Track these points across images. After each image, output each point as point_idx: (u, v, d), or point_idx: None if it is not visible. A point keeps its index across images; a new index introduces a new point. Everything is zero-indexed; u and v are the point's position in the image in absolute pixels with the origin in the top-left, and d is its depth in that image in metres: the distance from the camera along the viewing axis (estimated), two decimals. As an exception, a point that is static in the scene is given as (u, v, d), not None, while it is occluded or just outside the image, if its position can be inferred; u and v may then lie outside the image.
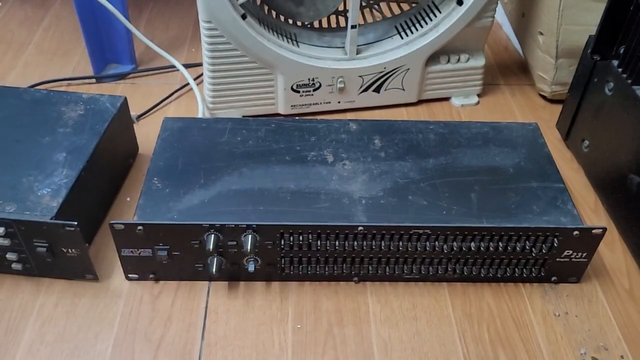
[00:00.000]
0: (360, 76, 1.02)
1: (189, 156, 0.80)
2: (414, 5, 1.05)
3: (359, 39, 1.01)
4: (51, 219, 0.69)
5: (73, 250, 0.71)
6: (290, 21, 1.02)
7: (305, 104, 1.04)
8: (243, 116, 1.02)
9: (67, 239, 0.70)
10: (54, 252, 0.72)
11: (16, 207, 0.70)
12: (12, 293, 0.74)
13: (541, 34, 1.06)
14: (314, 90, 1.02)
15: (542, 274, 0.76)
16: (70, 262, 0.73)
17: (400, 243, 0.72)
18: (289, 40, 0.99)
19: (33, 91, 0.88)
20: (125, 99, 0.88)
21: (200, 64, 1.09)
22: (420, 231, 0.71)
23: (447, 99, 1.12)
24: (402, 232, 0.71)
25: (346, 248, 0.72)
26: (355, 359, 0.69)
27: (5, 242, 0.71)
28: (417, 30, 1.01)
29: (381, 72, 1.03)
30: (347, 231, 0.71)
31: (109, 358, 0.68)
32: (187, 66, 1.12)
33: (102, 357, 0.68)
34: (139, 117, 1.04)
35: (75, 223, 0.68)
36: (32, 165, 0.75)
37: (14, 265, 0.74)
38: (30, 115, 0.83)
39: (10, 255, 0.73)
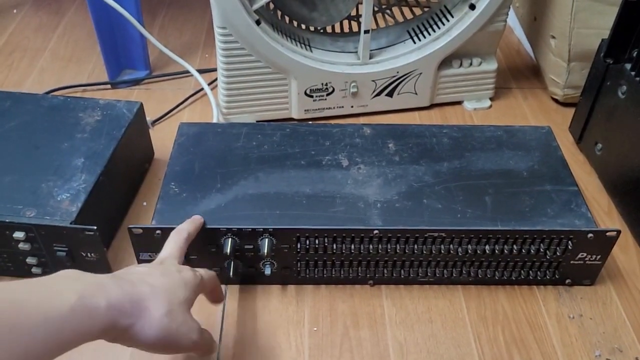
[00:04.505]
0: (373, 81, 1.03)
1: (205, 161, 0.80)
2: (426, 9, 1.06)
3: (372, 43, 1.01)
4: (71, 223, 0.70)
5: (92, 254, 0.72)
6: (304, 26, 1.03)
7: (319, 109, 1.05)
8: (257, 121, 1.03)
9: (87, 243, 0.71)
10: (74, 256, 0.72)
11: (36, 212, 0.71)
12: (32, 297, 0.75)
13: (553, 37, 1.06)
14: (327, 94, 1.03)
15: (557, 276, 0.77)
16: (90, 266, 0.74)
17: (415, 246, 0.72)
18: (303, 45, 1.00)
19: (51, 97, 0.89)
20: (141, 104, 0.89)
21: (214, 69, 1.10)
22: (435, 234, 0.71)
23: (459, 102, 1.12)
24: (417, 235, 0.72)
25: (362, 251, 0.73)
26: (372, 362, 0.70)
27: (26, 246, 0.72)
28: (429, 34, 1.02)
29: (394, 76, 1.03)
30: (362, 234, 0.71)
31: (128, 360, 0.69)
32: (201, 71, 1.13)
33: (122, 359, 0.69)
34: (154, 122, 1.05)
35: (95, 227, 0.69)
36: (51, 171, 0.76)
37: (34, 270, 0.75)
38: (48, 122, 0.84)
39: (31, 260, 0.74)
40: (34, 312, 0.43)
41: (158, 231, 0.70)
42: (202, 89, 1.11)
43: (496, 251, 0.73)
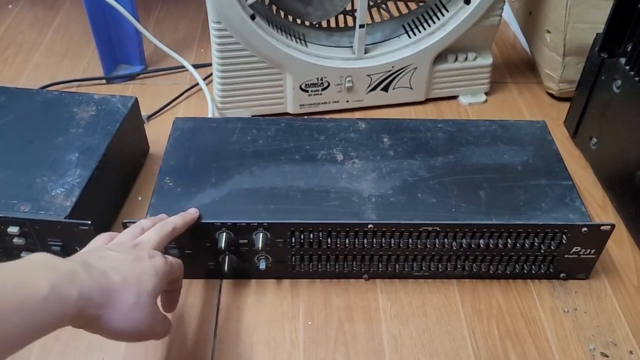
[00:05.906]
0: (368, 75, 1.03)
1: (200, 155, 0.80)
2: (421, 4, 1.05)
3: (367, 38, 1.01)
4: (65, 218, 0.70)
5: (87, 249, 0.72)
6: (299, 21, 1.03)
7: (314, 103, 1.05)
8: (252, 116, 1.03)
9: (81, 238, 0.70)
10: (68, 251, 0.72)
11: (30, 206, 0.71)
12: (26, 291, 0.75)
13: (548, 32, 1.06)
14: (322, 89, 1.03)
15: (551, 270, 0.77)
16: (84, 260, 0.74)
17: (410, 240, 0.72)
18: (298, 40, 1.00)
19: (45, 92, 0.89)
20: (136, 99, 0.88)
21: (209, 64, 1.10)
22: (430, 228, 0.71)
23: (454, 97, 1.12)
24: (411, 229, 0.72)
25: (356, 245, 0.73)
26: (366, 355, 0.70)
27: (20, 241, 0.72)
28: (424, 29, 1.02)
29: (389, 71, 1.03)
30: (357, 229, 0.71)
31: (122, 355, 0.69)
32: (196, 66, 1.12)
33: (116, 354, 0.69)
34: (149, 117, 1.05)
35: (89, 222, 0.69)
36: (46, 166, 0.76)
37: (28, 264, 0.75)
38: (42, 116, 0.84)
39: (25, 255, 0.73)
40: (10, 299, 0.44)
41: (152, 226, 0.70)
42: (197, 84, 1.11)
43: (491, 245, 0.73)
